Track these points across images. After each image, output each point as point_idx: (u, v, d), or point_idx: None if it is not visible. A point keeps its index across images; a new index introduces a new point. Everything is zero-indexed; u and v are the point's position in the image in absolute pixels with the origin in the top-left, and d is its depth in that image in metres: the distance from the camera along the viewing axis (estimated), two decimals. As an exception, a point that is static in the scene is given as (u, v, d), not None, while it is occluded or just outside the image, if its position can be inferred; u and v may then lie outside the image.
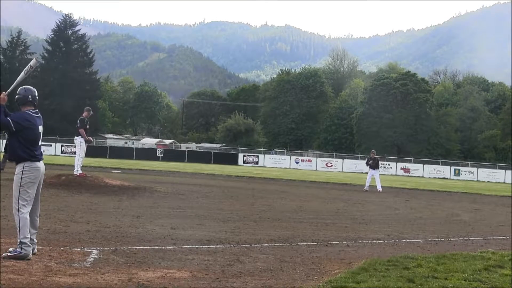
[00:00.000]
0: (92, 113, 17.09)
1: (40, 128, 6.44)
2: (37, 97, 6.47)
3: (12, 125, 6.15)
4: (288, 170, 47.26)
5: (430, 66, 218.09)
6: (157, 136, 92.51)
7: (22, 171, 6.25)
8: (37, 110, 6.47)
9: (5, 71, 64.28)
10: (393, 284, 5.86)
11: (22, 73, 6.55)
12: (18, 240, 6.13)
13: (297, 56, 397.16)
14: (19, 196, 6.21)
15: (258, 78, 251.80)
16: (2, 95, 6.13)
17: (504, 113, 71.40)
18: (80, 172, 16.46)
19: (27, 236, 6.13)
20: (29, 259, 6.06)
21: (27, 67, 6.59)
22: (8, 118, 6.16)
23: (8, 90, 6.31)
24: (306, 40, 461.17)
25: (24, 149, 6.26)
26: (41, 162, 6.44)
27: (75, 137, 16.83)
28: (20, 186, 6.23)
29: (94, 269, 5.89)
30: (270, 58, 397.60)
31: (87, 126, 16.78)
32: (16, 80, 6.46)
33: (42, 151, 6.59)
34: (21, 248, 6.10)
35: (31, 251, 6.19)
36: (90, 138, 17.14)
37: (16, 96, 6.37)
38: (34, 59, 6.62)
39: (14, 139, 6.27)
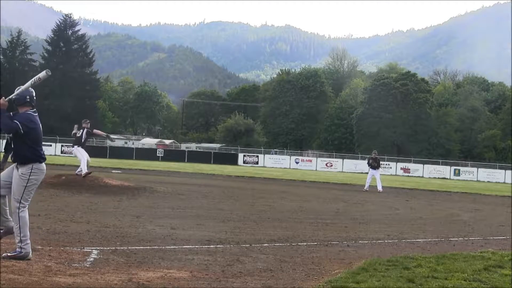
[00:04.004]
0: (88, 121, 17.45)
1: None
2: (34, 98, 6.39)
3: (21, 127, 6.13)
4: (288, 170, 47.24)
5: (430, 66, 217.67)
6: (157, 136, 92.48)
7: (30, 172, 6.23)
8: (35, 110, 6.43)
9: (5, 71, 64.29)
10: (393, 284, 5.86)
11: (28, 83, 6.30)
12: (18, 240, 6.13)
13: (297, 56, 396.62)
14: (22, 196, 6.20)
15: (258, 78, 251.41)
16: (2, 100, 6.07)
17: (504, 113, 71.43)
18: (86, 171, 16.52)
19: (26, 236, 6.12)
20: (29, 259, 6.05)
21: (35, 77, 6.33)
22: (15, 121, 6.12)
23: (10, 97, 6.21)
24: (306, 40, 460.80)
25: (32, 150, 6.24)
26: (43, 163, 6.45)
27: (72, 148, 17.07)
28: (25, 187, 6.21)
29: (94, 269, 5.88)
30: (270, 58, 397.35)
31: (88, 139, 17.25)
32: (21, 88, 6.31)
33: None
34: (21, 248, 6.09)
35: (31, 251, 6.18)
36: (108, 134, 17.53)
37: (14, 97, 6.30)
38: (45, 72, 6.33)
39: (21, 141, 6.21)
